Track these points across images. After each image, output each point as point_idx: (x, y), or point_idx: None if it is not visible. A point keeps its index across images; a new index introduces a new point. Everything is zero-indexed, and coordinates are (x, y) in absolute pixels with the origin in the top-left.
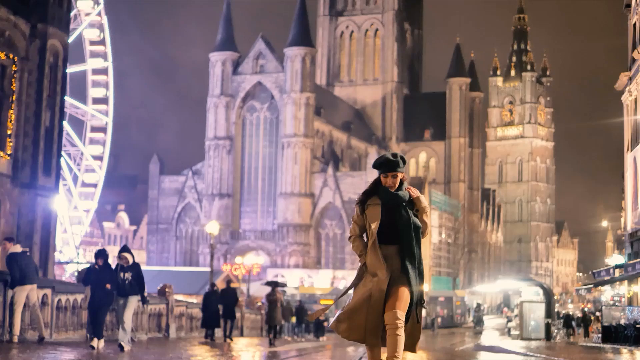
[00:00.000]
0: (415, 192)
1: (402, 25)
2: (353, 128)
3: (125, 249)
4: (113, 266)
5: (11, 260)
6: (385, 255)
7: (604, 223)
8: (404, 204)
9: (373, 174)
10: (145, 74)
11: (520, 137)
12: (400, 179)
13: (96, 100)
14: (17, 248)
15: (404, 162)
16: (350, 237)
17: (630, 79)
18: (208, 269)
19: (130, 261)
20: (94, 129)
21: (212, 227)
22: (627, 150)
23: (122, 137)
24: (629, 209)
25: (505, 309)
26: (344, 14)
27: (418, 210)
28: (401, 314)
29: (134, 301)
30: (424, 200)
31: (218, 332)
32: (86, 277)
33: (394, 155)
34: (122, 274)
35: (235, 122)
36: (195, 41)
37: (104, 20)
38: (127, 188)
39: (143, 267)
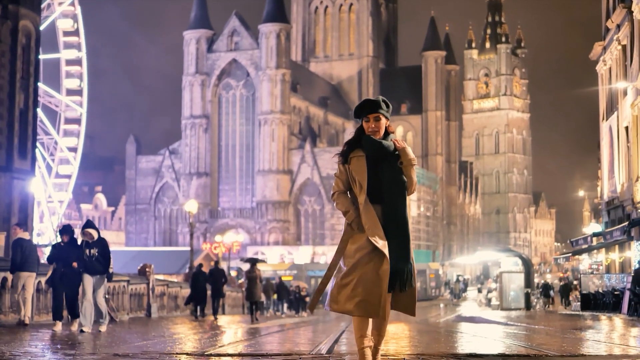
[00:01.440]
0: (401, 143)
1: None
2: (330, 104)
3: (89, 224)
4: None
5: (16, 245)
6: None
7: (581, 193)
8: (388, 156)
9: None
10: (120, 55)
11: (497, 109)
12: (386, 128)
13: (70, 92)
14: (26, 235)
15: (388, 106)
16: (333, 194)
17: (605, 49)
18: (188, 249)
19: (95, 237)
20: (68, 121)
21: (191, 206)
22: (603, 119)
23: (97, 119)
24: (606, 178)
25: (490, 280)
26: None
27: (403, 163)
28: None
29: (100, 280)
30: (411, 152)
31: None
32: (51, 254)
33: (376, 97)
34: (87, 251)
35: (211, 100)
36: (169, 19)
37: (78, 11)
38: (104, 169)
39: (122, 248)
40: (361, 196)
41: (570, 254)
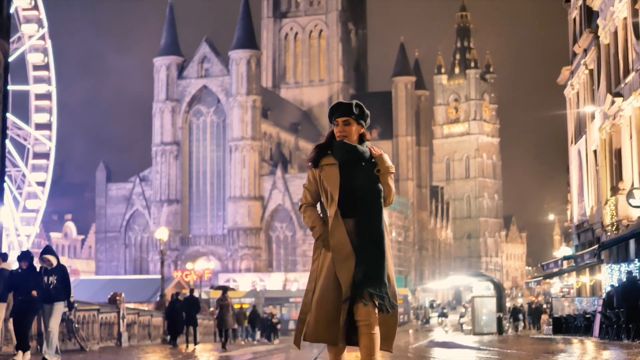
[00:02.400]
0: (377, 150)
1: (347, 26)
2: (300, 129)
3: (47, 250)
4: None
5: None
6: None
7: (551, 216)
8: (363, 163)
9: None
10: (89, 81)
11: (467, 134)
12: (360, 135)
13: (39, 126)
14: (7, 265)
15: (363, 111)
16: (300, 207)
17: (572, 73)
18: (158, 276)
19: (54, 263)
20: (37, 155)
21: (162, 234)
22: (571, 143)
23: (67, 145)
24: (575, 201)
25: (466, 304)
26: (288, 16)
27: (380, 171)
28: (374, 310)
29: (60, 308)
30: (388, 159)
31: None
32: (8, 282)
33: (350, 101)
34: (46, 278)
35: (181, 126)
36: (139, 46)
37: (48, 44)
38: (74, 196)
39: (92, 277)
40: (331, 208)
41: (541, 278)
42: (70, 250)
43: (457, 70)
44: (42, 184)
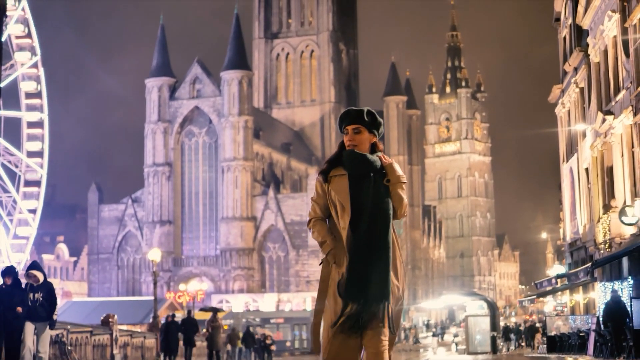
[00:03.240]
0: (387, 159)
1: (338, 46)
2: (292, 149)
3: (33, 265)
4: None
5: None
6: None
7: (544, 235)
8: (373, 174)
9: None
10: (81, 102)
11: (458, 153)
12: (372, 144)
13: (31, 154)
14: None
15: (375, 119)
16: (309, 222)
17: (563, 92)
18: (151, 298)
19: (41, 279)
20: (29, 183)
21: (154, 255)
22: (563, 161)
23: (59, 167)
24: (568, 219)
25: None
26: (279, 36)
27: (391, 181)
28: (385, 333)
29: (47, 330)
30: (399, 168)
31: None
32: None
33: (361, 108)
34: (32, 295)
35: (173, 147)
36: (130, 67)
37: (41, 72)
38: (66, 218)
39: (85, 299)
40: (343, 220)
41: (534, 296)
42: (63, 272)
43: (448, 89)
44: (33, 211)
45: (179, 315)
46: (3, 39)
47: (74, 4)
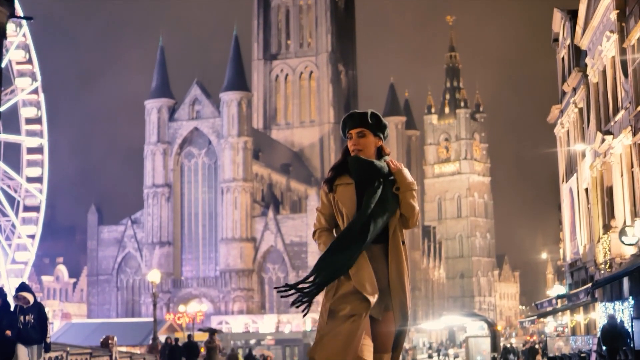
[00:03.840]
0: (396, 164)
1: (336, 67)
2: (292, 170)
3: (23, 287)
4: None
5: None
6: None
7: (544, 255)
8: (381, 180)
9: (315, 215)
10: (81, 124)
11: (458, 174)
12: (380, 149)
13: (31, 179)
14: None
15: (380, 121)
16: (314, 233)
17: (562, 112)
18: (151, 319)
19: (31, 301)
20: (28, 208)
21: (154, 276)
22: (563, 181)
23: (58, 187)
24: (567, 239)
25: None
26: (278, 58)
27: (400, 188)
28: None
29: (39, 352)
30: (409, 174)
31: None
32: None
33: (364, 111)
34: (22, 317)
35: (173, 169)
36: (130, 88)
37: (41, 98)
38: (65, 239)
39: (84, 320)
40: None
41: (535, 317)
42: (62, 293)
43: (447, 109)
44: (32, 236)
45: (178, 337)
46: (3, 65)
47: (74, 27)
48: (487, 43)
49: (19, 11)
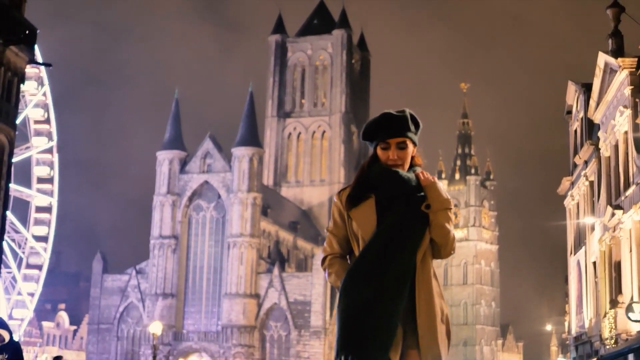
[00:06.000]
0: (427, 177)
1: (349, 128)
2: (299, 228)
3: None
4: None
5: None
6: None
7: (548, 327)
8: (407, 196)
9: (320, 275)
10: (91, 171)
11: (465, 240)
12: (411, 159)
13: (37, 238)
14: None
15: (418, 125)
16: (323, 260)
17: (572, 184)
18: None
19: (7, 339)
20: (30, 266)
21: (155, 328)
22: (571, 253)
23: (64, 234)
24: (573, 312)
25: None
26: (292, 116)
27: (431, 207)
28: None
29: None
30: (443, 189)
31: None
32: None
33: (400, 111)
34: None
35: (181, 221)
36: (141, 138)
37: (55, 158)
38: (68, 285)
39: None
40: None
41: None
42: (62, 340)
43: (457, 176)
44: (31, 294)
45: None
46: (19, 121)
47: (90, 78)
48: (500, 112)
49: (38, 58)
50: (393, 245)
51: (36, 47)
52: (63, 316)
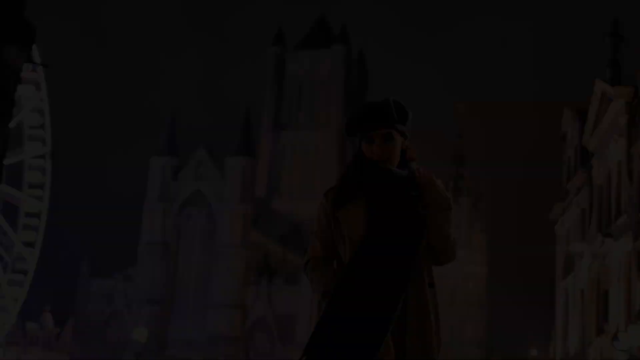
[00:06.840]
0: (425, 174)
1: (345, 143)
2: (290, 242)
3: None
4: None
5: None
6: None
7: (534, 352)
8: (402, 194)
9: (307, 290)
10: (83, 175)
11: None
12: (403, 153)
13: (25, 244)
14: None
15: (407, 114)
16: (306, 264)
17: (564, 210)
18: None
19: None
20: (16, 271)
21: (140, 334)
22: (559, 279)
23: (54, 237)
24: (559, 338)
25: None
26: (288, 129)
27: (429, 205)
28: None
29: None
30: (443, 189)
31: None
32: None
33: (385, 101)
34: None
35: (171, 228)
36: (136, 144)
37: (48, 165)
38: (55, 288)
39: None
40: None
41: None
42: (45, 342)
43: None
44: (15, 299)
45: None
46: (14, 124)
47: (87, 83)
48: (494, 133)
49: (36, 58)
50: (385, 251)
51: (35, 47)
52: (48, 318)
